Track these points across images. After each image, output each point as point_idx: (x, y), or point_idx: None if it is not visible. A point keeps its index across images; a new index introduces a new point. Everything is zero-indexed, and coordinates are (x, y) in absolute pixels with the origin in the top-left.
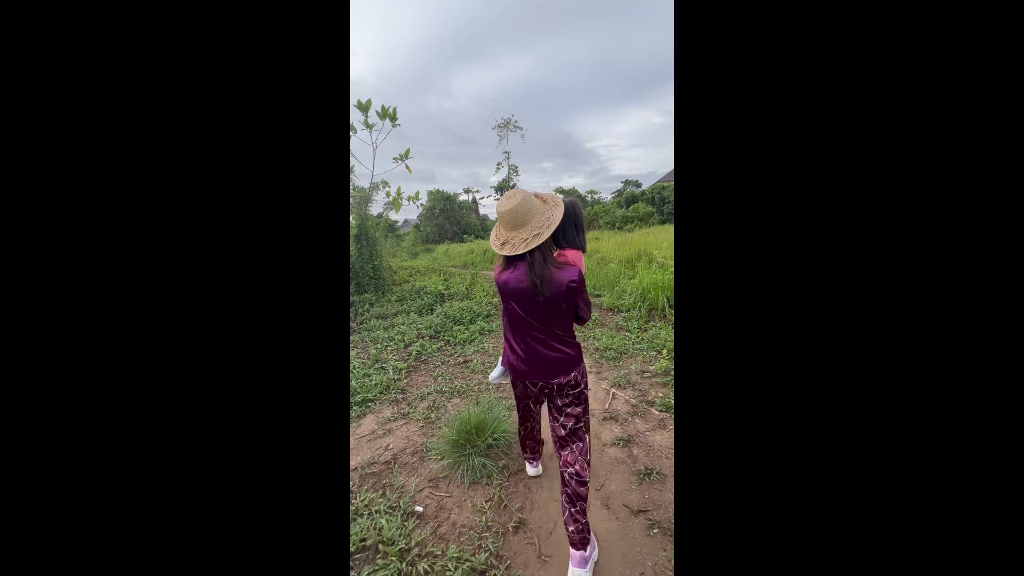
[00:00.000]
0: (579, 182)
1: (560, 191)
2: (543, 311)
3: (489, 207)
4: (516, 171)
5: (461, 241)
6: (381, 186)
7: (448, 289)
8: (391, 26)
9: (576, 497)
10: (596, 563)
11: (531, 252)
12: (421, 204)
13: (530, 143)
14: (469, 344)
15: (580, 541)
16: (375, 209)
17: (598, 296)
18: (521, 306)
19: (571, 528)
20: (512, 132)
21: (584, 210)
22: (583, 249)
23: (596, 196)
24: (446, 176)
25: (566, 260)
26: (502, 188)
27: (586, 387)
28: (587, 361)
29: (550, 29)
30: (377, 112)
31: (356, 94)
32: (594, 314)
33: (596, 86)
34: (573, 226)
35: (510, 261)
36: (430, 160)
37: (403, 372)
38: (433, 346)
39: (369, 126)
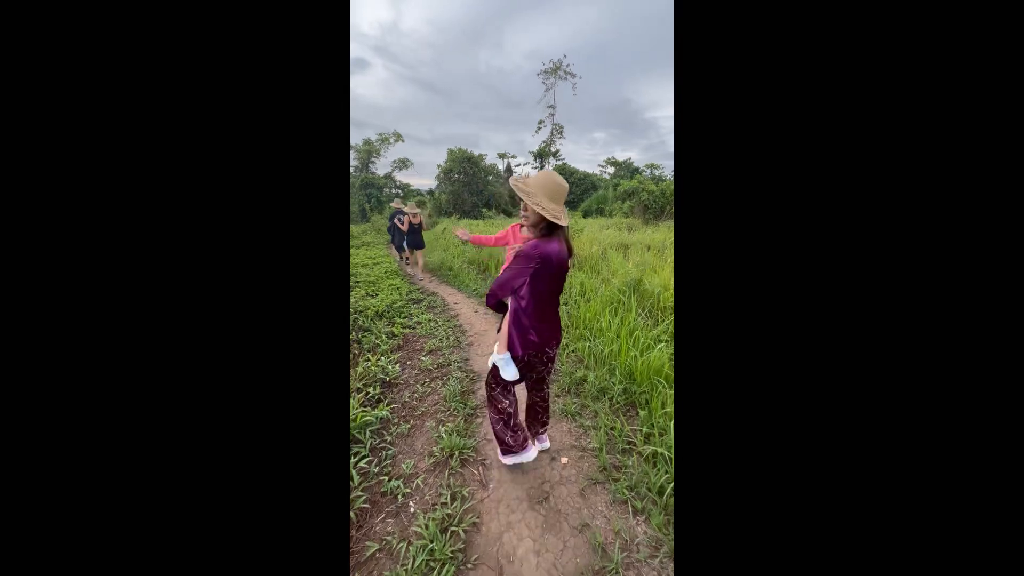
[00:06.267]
0: (633, 156)
1: (613, 162)
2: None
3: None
4: (561, 132)
5: (480, 217)
6: None
7: None
8: None
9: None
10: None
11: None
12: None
13: (584, 110)
14: None
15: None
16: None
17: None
18: (561, 276)
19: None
20: (562, 81)
21: (649, 195)
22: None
23: (659, 172)
24: (489, 142)
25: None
26: (542, 155)
27: None
28: None
29: None
30: None
31: (403, 47)
32: None
33: (668, 42)
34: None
35: (551, 233)
36: (474, 123)
37: None
38: None
39: None
